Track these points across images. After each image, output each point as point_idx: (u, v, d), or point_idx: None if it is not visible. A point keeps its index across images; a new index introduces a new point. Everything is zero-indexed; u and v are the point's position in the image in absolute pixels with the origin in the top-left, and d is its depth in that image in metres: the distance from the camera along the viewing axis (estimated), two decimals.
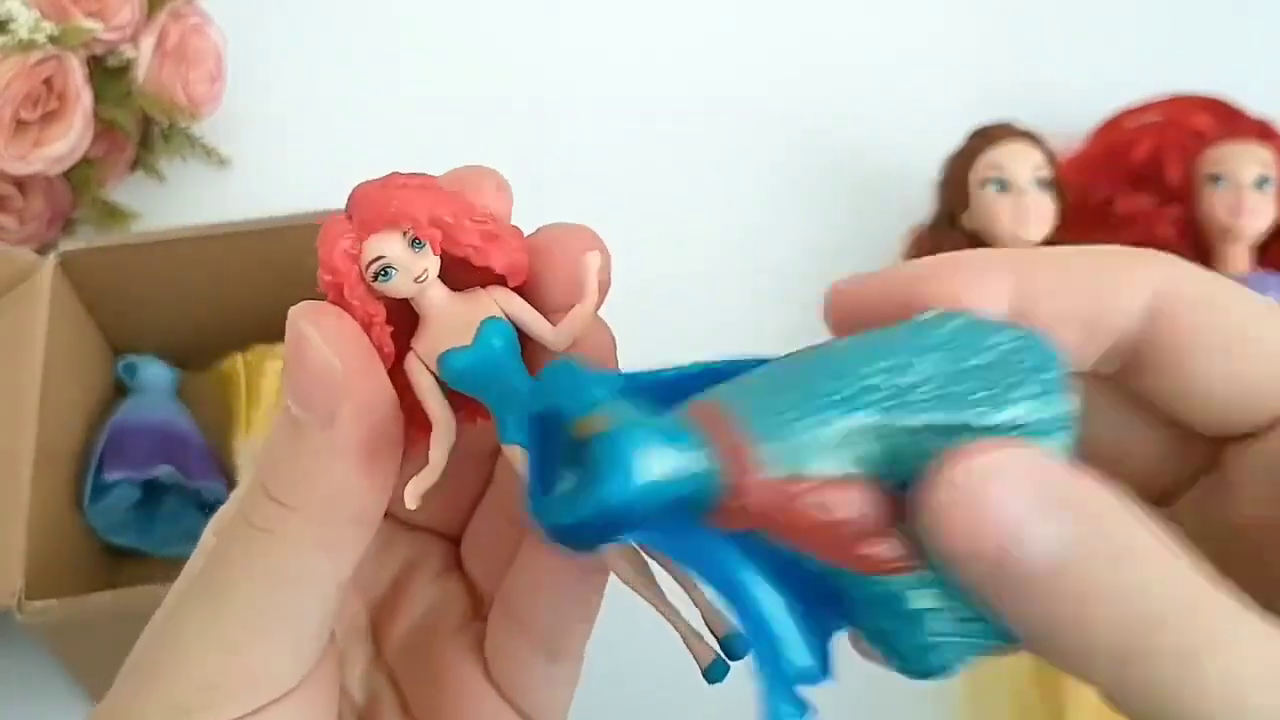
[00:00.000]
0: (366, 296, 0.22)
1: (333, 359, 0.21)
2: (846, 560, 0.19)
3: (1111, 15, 0.80)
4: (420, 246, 0.22)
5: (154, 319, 0.59)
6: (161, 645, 0.23)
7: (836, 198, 0.71)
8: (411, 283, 0.22)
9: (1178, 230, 0.65)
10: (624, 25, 0.79)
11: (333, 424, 0.21)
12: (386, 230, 0.22)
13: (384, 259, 0.22)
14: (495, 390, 0.22)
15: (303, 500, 0.22)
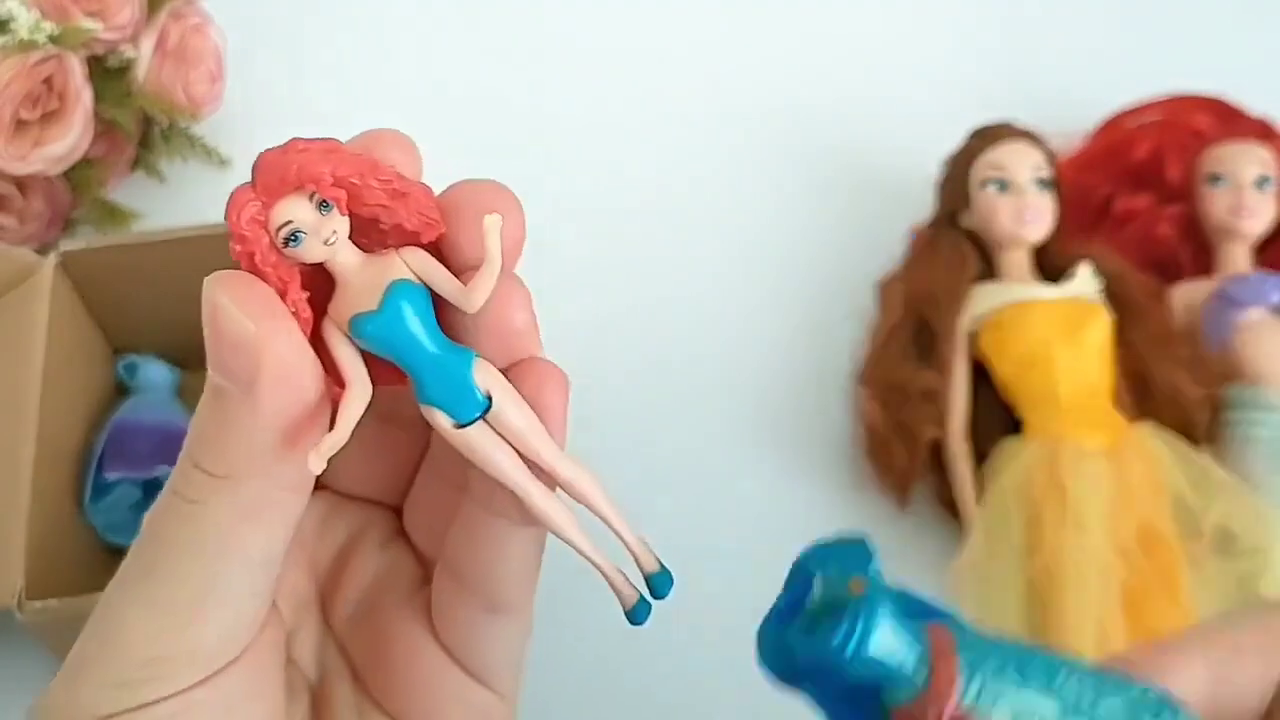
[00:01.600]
0: (279, 263, 0.22)
1: (246, 323, 0.22)
2: None
3: (1111, 15, 0.80)
4: (328, 209, 0.22)
5: (154, 319, 0.59)
6: (102, 625, 0.23)
7: (836, 197, 0.71)
8: (321, 246, 0.22)
9: (1178, 230, 0.65)
10: (623, 26, 0.79)
11: (253, 390, 0.21)
12: (293, 195, 0.22)
13: (292, 223, 0.22)
14: (407, 352, 0.23)
15: (228, 468, 0.22)
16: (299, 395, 0.22)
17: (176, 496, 0.23)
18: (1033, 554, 0.54)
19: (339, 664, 0.27)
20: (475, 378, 0.23)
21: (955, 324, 0.59)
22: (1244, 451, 0.57)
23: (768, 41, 0.79)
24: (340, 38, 0.78)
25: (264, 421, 0.22)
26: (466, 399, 0.23)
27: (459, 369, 0.23)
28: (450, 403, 0.23)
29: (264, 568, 0.23)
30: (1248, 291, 0.60)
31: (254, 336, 0.22)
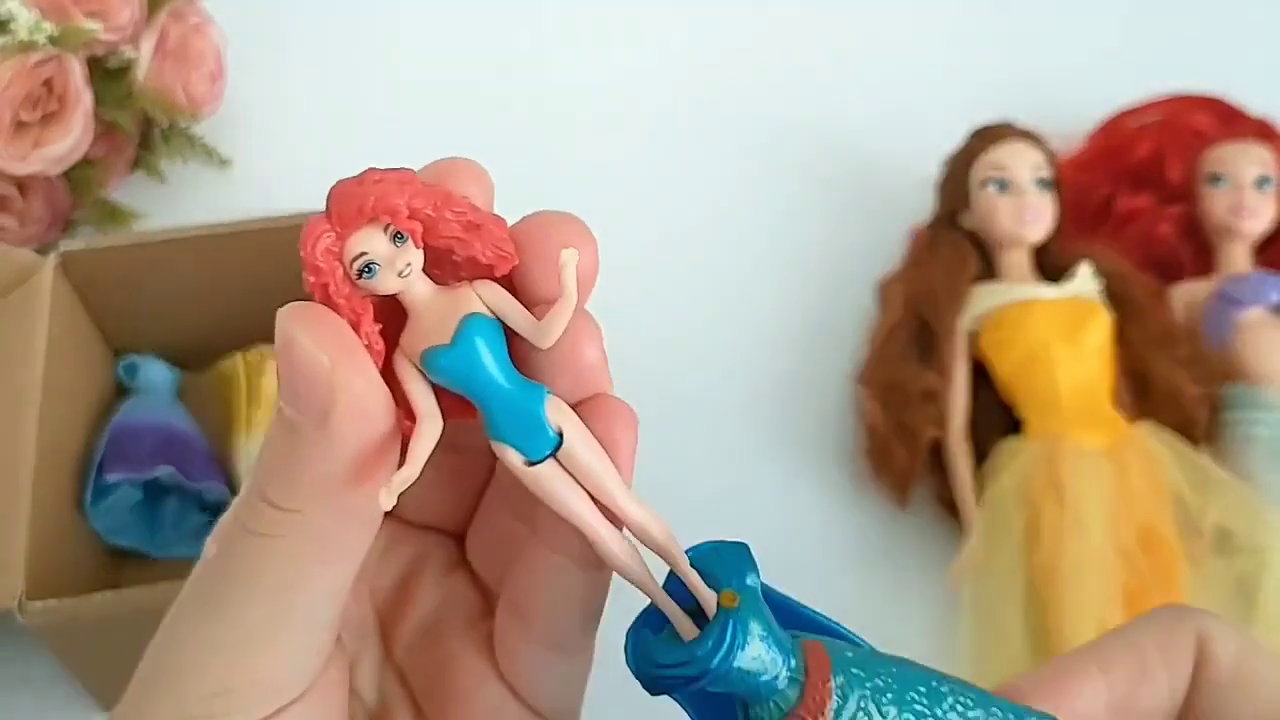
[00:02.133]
0: (352, 295, 0.22)
1: (321, 356, 0.21)
2: None
3: (1112, 15, 0.80)
4: (402, 241, 0.22)
5: (154, 319, 0.59)
6: (167, 655, 0.23)
7: (836, 198, 0.71)
8: (395, 278, 0.22)
9: (1178, 230, 0.65)
10: (623, 28, 0.79)
11: (326, 423, 0.21)
12: (368, 226, 0.22)
13: (366, 255, 0.21)
14: (479, 387, 0.22)
15: (301, 503, 0.22)
16: (372, 429, 0.22)
17: (244, 530, 0.22)
18: (1033, 554, 0.54)
19: (399, 692, 0.27)
20: (547, 414, 0.22)
21: (955, 324, 0.59)
22: (1243, 451, 0.58)
23: (767, 42, 0.79)
24: (340, 38, 0.78)
25: (336, 456, 0.22)
26: (538, 436, 0.22)
27: (531, 405, 0.22)
28: (521, 439, 0.22)
29: (332, 600, 0.23)
30: (1248, 291, 0.60)
31: (328, 370, 0.21)
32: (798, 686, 0.21)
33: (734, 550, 0.23)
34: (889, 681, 0.22)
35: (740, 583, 0.22)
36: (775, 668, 0.21)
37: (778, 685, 0.21)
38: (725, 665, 0.21)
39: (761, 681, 0.21)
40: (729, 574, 0.22)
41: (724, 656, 0.21)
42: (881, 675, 0.22)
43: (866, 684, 0.22)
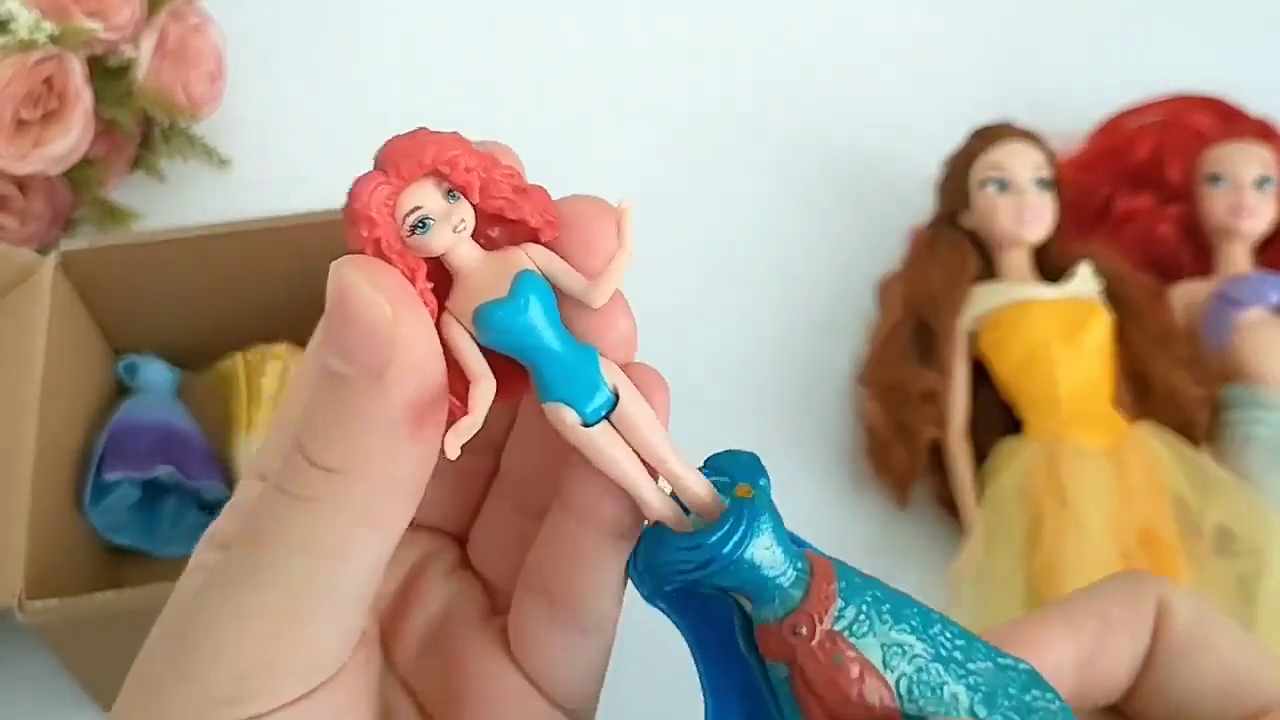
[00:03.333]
0: (404, 251, 0.21)
1: (383, 305, 0.20)
2: None
3: (1111, 15, 0.80)
4: (455, 198, 0.21)
5: (154, 319, 0.59)
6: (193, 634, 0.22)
7: (836, 198, 0.71)
8: (449, 233, 0.21)
9: (1178, 230, 0.65)
10: (624, 28, 0.79)
11: (382, 378, 0.20)
12: (423, 181, 0.21)
13: (422, 209, 0.21)
14: (535, 343, 0.22)
15: (350, 463, 0.21)
16: (428, 383, 0.21)
17: (284, 494, 0.21)
18: (1033, 554, 0.54)
19: (405, 702, 0.26)
20: (603, 374, 0.22)
21: (955, 324, 0.59)
22: (1243, 451, 0.57)
23: (767, 42, 0.79)
24: (340, 38, 0.78)
25: (390, 411, 0.21)
26: (595, 395, 0.22)
27: (587, 364, 0.22)
28: (578, 399, 0.22)
29: (371, 574, 0.22)
30: (1247, 291, 0.60)
31: (389, 320, 0.20)
32: (803, 587, 0.22)
33: (748, 457, 0.23)
34: (887, 597, 0.22)
35: (754, 483, 0.22)
36: (782, 565, 0.22)
37: (783, 584, 0.22)
38: (736, 553, 0.21)
39: (768, 578, 0.22)
40: (743, 475, 0.23)
41: (737, 543, 0.21)
42: (879, 591, 0.22)
43: (867, 594, 0.22)
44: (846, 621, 0.22)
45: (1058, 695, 0.23)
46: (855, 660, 0.21)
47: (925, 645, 0.22)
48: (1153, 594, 0.26)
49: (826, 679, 0.21)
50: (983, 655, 0.23)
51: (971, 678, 0.22)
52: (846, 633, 0.22)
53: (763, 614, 0.22)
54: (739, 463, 0.23)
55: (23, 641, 0.51)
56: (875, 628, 0.22)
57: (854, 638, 0.22)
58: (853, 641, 0.22)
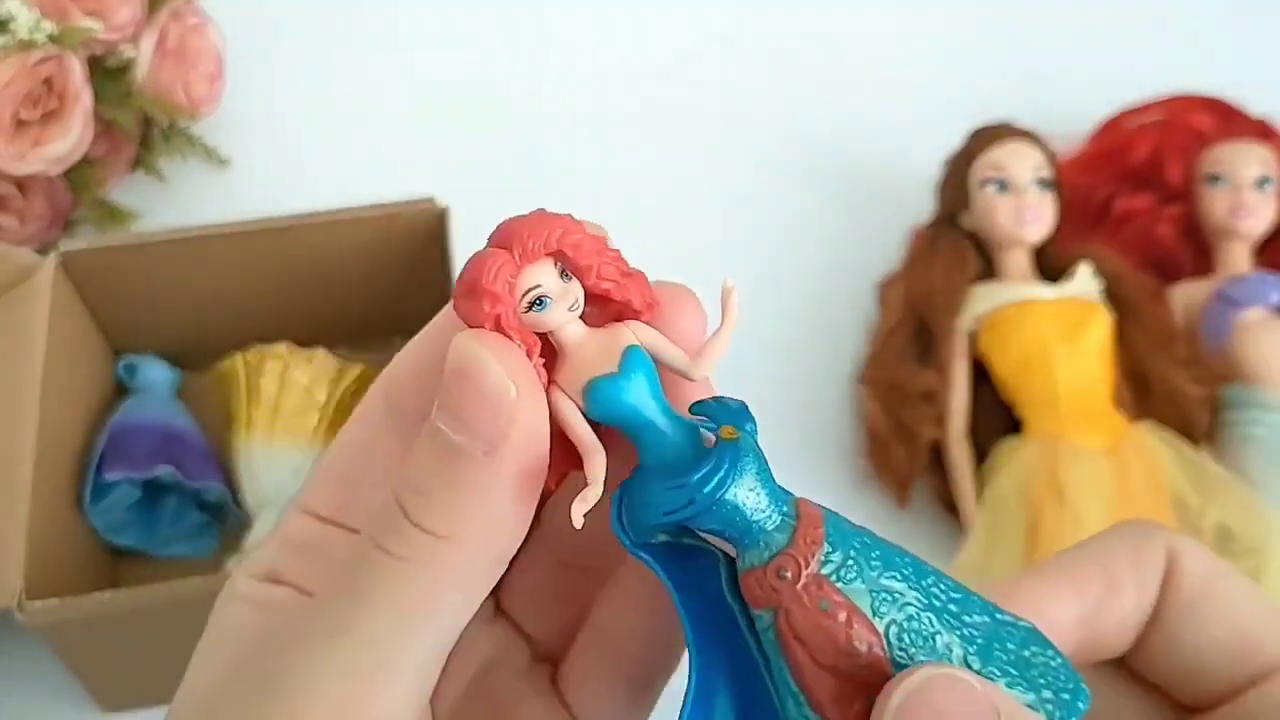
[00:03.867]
0: (521, 328, 0.22)
1: (508, 383, 0.21)
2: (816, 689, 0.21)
3: (1111, 15, 0.80)
4: (569, 279, 0.22)
5: (154, 319, 0.59)
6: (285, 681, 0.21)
7: (836, 198, 0.71)
8: (565, 311, 0.22)
9: (1178, 230, 0.65)
10: (622, 27, 0.79)
11: (497, 452, 0.21)
12: (544, 259, 0.22)
13: (540, 288, 0.22)
14: (638, 419, 0.22)
15: (455, 529, 0.21)
16: (537, 462, 0.22)
17: (383, 553, 0.21)
18: (1032, 554, 0.54)
19: None
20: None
21: (955, 324, 0.59)
22: (1243, 451, 0.57)
23: (767, 42, 0.79)
24: (340, 38, 0.78)
25: (499, 485, 0.21)
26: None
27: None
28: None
29: (450, 637, 0.22)
30: (1247, 291, 0.60)
31: (513, 399, 0.21)
32: (789, 531, 0.21)
33: (736, 404, 0.23)
34: (877, 545, 0.22)
35: (740, 427, 0.22)
36: (767, 509, 0.21)
37: (768, 527, 0.21)
38: (719, 493, 0.21)
39: (753, 521, 0.21)
40: (730, 420, 0.22)
41: (719, 483, 0.21)
42: (869, 539, 0.22)
43: (855, 541, 0.22)
44: (834, 566, 0.21)
45: (1059, 652, 0.23)
46: (843, 605, 0.21)
47: (918, 595, 0.21)
48: (1162, 546, 0.24)
49: (812, 624, 0.21)
50: (979, 609, 0.22)
51: (966, 630, 0.22)
52: (834, 577, 0.21)
53: (748, 559, 0.22)
54: (726, 409, 0.23)
55: (23, 641, 0.51)
56: (864, 574, 0.21)
57: (841, 583, 0.21)
58: (840, 587, 0.21)
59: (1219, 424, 0.59)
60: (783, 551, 0.21)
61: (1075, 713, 0.22)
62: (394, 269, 0.57)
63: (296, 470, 0.55)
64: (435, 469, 0.21)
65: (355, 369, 0.57)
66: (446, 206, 0.56)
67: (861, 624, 0.21)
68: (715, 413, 0.23)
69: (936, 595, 0.22)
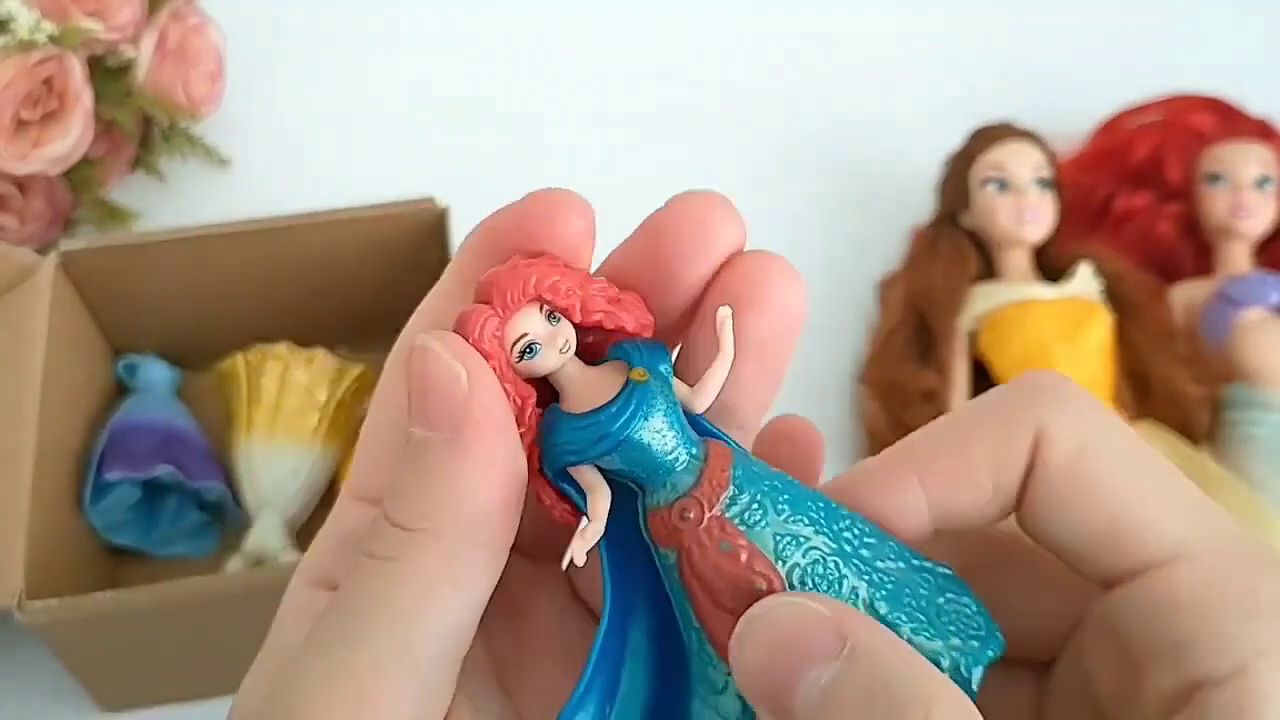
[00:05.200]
0: (515, 379, 0.22)
1: (458, 368, 0.21)
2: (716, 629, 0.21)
3: (1111, 15, 0.80)
4: (556, 321, 0.22)
5: (154, 319, 0.59)
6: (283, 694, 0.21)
7: (837, 198, 0.71)
8: (556, 354, 0.22)
9: (1178, 230, 0.65)
10: (622, 28, 0.79)
11: (459, 436, 0.21)
12: (527, 306, 0.22)
13: (528, 335, 0.22)
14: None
15: (427, 521, 0.21)
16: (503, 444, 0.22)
17: (368, 558, 0.22)
18: None
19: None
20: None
21: (955, 324, 0.59)
22: (1243, 451, 0.57)
23: (767, 42, 0.79)
24: (340, 38, 0.78)
25: (466, 470, 0.21)
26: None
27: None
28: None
29: (455, 635, 0.22)
30: (1247, 291, 0.60)
31: (464, 381, 0.21)
32: (695, 473, 0.22)
33: (653, 344, 0.23)
34: (788, 489, 0.22)
35: (653, 368, 0.22)
36: (674, 448, 0.22)
37: (675, 467, 0.22)
38: (624, 432, 0.21)
39: (659, 460, 0.22)
40: (644, 361, 0.23)
41: (625, 422, 0.21)
42: (781, 481, 0.22)
43: (763, 484, 0.22)
44: (739, 509, 0.21)
45: (975, 599, 0.22)
46: (744, 548, 0.21)
47: (826, 539, 0.21)
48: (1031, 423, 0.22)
49: (711, 565, 0.21)
50: (894, 555, 0.22)
51: (875, 575, 0.22)
52: (737, 520, 0.21)
53: (654, 499, 0.22)
54: (640, 351, 0.23)
55: (23, 641, 0.51)
56: (769, 517, 0.21)
57: (744, 526, 0.21)
58: (742, 529, 0.21)
59: (1219, 424, 0.59)
60: (688, 493, 0.22)
61: (983, 659, 0.21)
62: (394, 269, 0.57)
63: (296, 470, 0.55)
64: (407, 468, 0.22)
65: (355, 369, 0.57)
66: (446, 206, 0.56)
67: (763, 566, 0.21)
68: (630, 355, 0.23)
69: (848, 540, 0.22)
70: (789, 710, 0.20)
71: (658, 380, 0.22)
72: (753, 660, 0.20)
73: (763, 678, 0.20)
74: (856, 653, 0.20)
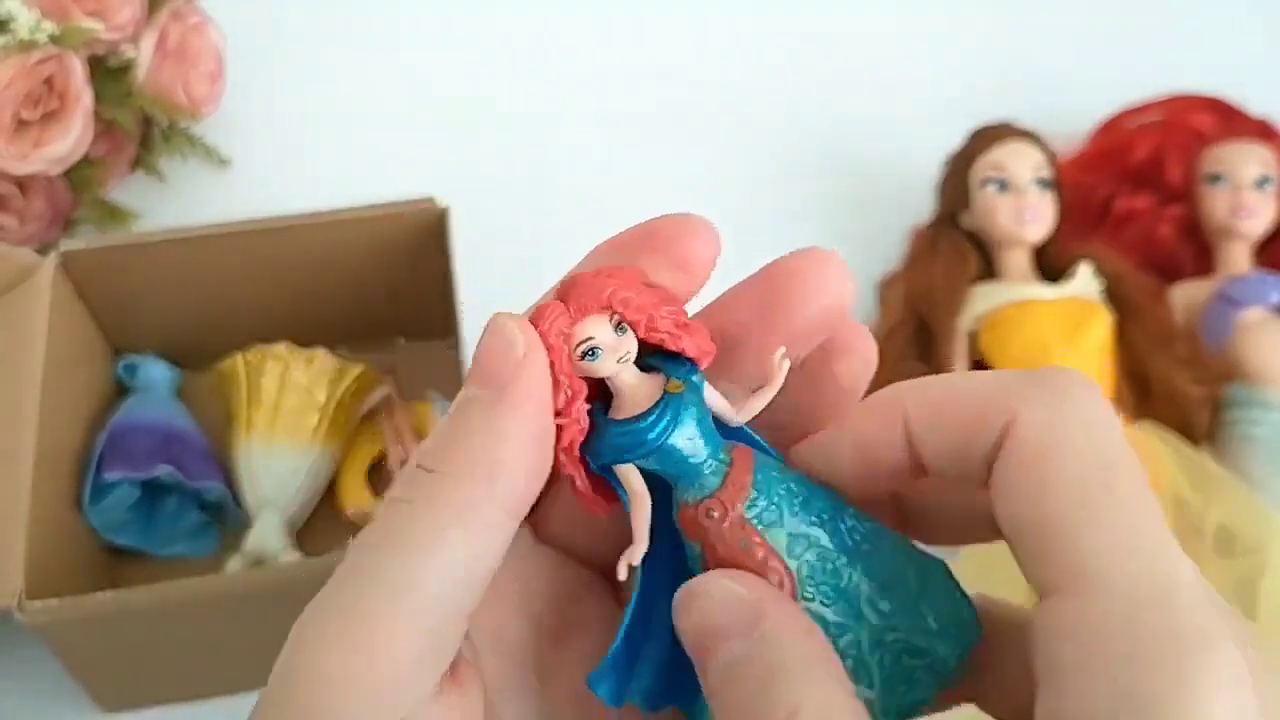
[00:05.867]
0: (572, 374, 0.24)
1: (518, 336, 0.23)
2: None
3: (1111, 15, 0.80)
4: (623, 332, 0.24)
5: (154, 319, 0.59)
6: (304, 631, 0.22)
7: (837, 198, 0.71)
8: (615, 363, 0.24)
9: (1178, 230, 0.65)
10: (622, 28, 0.79)
11: (503, 395, 0.23)
12: (598, 315, 0.24)
13: (593, 340, 0.24)
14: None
15: (449, 465, 0.23)
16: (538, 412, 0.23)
17: (390, 501, 0.23)
18: None
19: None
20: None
21: (955, 324, 0.59)
22: (1244, 451, 0.57)
23: (768, 42, 0.79)
24: (340, 38, 0.78)
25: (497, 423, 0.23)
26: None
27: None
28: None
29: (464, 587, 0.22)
30: (1248, 291, 0.60)
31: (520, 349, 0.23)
32: (721, 476, 0.24)
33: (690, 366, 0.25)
34: (802, 491, 0.24)
35: (687, 378, 0.25)
36: (704, 455, 0.24)
37: (704, 471, 0.24)
38: (660, 440, 0.24)
39: (691, 464, 0.24)
40: (678, 373, 0.25)
41: (661, 431, 0.24)
42: (796, 485, 0.24)
43: (781, 488, 0.24)
44: (757, 511, 0.24)
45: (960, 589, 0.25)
46: (760, 546, 0.24)
47: (831, 537, 0.24)
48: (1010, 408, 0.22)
49: (732, 561, 0.24)
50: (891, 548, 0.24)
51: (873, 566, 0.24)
52: (755, 521, 0.24)
53: (685, 496, 0.24)
54: (678, 361, 0.25)
55: (23, 641, 0.51)
56: (784, 519, 0.24)
57: (762, 526, 0.24)
58: (760, 529, 0.24)
59: (1219, 424, 0.59)
60: (713, 494, 0.24)
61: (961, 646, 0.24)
62: (394, 269, 0.57)
63: (296, 470, 0.55)
64: (448, 419, 0.23)
65: (355, 369, 0.57)
66: (446, 206, 0.56)
67: (776, 563, 0.23)
68: (665, 366, 0.25)
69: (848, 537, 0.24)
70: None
71: (691, 391, 0.25)
72: (684, 629, 0.23)
73: (692, 647, 0.23)
74: (765, 637, 0.22)
